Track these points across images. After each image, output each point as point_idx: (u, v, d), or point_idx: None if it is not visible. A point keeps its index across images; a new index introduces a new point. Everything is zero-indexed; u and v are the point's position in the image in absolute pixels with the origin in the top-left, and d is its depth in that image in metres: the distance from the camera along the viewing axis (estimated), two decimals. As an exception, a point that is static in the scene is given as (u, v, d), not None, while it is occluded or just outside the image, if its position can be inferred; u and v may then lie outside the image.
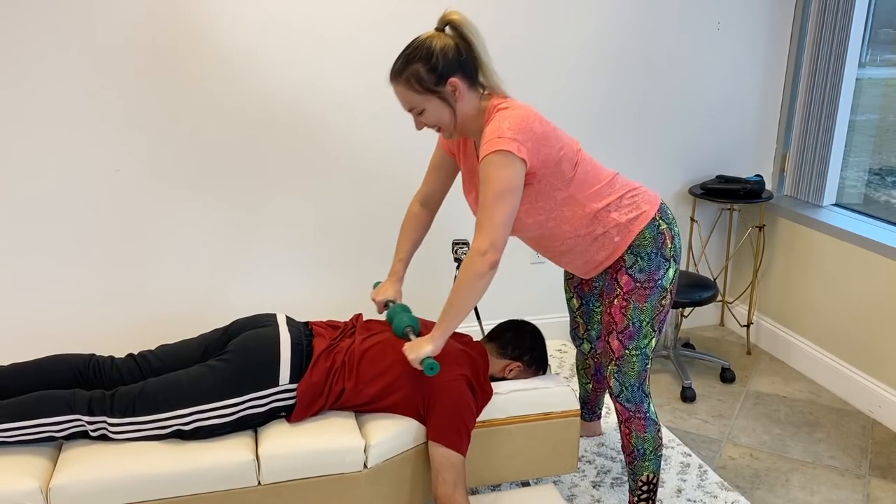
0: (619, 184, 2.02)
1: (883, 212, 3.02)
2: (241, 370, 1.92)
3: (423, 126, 1.92)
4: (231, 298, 2.94)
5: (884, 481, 2.48)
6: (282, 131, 2.81)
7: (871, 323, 2.85)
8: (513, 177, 1.79)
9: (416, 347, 1.93)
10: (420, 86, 1.83)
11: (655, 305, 2.04)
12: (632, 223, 1.99)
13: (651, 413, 2.12)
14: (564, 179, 1.92)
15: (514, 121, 1.80)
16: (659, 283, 2.02)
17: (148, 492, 1.82)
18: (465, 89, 1.86)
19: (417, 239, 2.27)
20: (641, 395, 2.10)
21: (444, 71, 1.82)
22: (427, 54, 1.81)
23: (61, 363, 1.99)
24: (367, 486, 1.96)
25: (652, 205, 2.02)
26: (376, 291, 2.26)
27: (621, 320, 2.05)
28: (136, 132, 2.66)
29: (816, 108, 3.16)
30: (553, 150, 1.87)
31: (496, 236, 1.81)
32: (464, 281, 1.85)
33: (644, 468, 2.14)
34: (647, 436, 2.11)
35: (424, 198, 2.25)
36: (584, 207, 1.97)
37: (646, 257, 2.00)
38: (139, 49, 2.57)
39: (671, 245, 2.03)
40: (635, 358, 2.07)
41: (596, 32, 3.06)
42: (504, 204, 1.80)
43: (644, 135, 3.26)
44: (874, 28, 3.01)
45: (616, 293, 2.05)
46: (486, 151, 1.80)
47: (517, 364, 2.23)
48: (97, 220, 2.71)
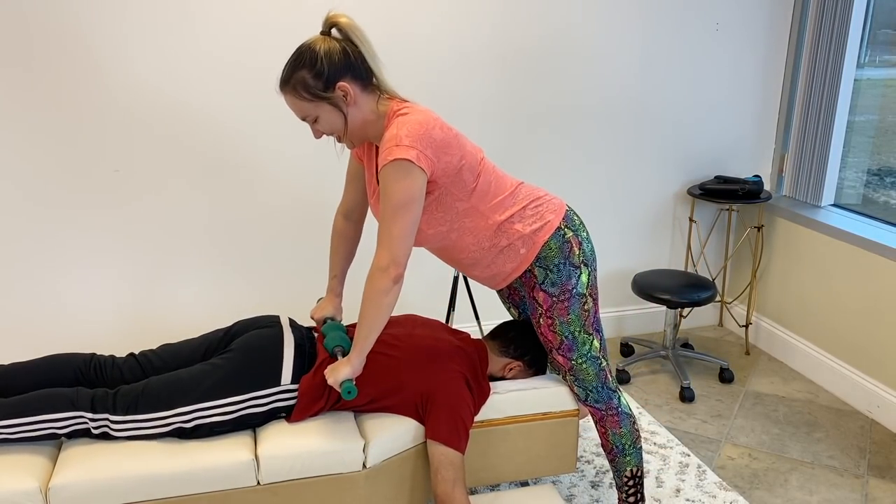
0: (522, 194, 1.97)
1: (881, 212, 3.02)
2: (243, 368, 1.92)
3: (321, 135, 1.84)
4: (232, 299, 2.95)
5: (882, 481, 2.48)
6: (277, 133, 2.82)
7: (870, 323, 2.86)
8: (412, 187, 1.73)
9: (335, 370, 1.87)
10: (308, 93, 1.75)
11: (579, 313, 2.00)
12: (536, 234, 1.95)
13: (623, 406, 2.11)
14: (466, 190, 1.86)
15: (412, 127, 1.73)
16: (574, 292, 1.98)
17: (147, 492, 1.82)
18: (357, 92, 1.77)
19: (348, 253, 2.21)
20: (608, 393, 2.08)
21: (332, 75, 1.74)
22: (312, 60, 1.73)
23: (62, 362, 2.00)
24: (366, 486, 1.97)
25: (556, 213, 1.98)
26: (315, 309, 2.21)
27: (554, 338, 2.02)
28: (133, 133, 2.66)
29: (815, 108, 3.16)
30: (454, 158, 1.80)
31: (397, 250, 1.75)
32: (368, 299, 1.79)
33: (626, 463, 2.13)
34: (622, 430, 2.11)
35: (347, 211, 2.17)
36: (486, 219, 1.92)
37: (555, 269, 1.96)
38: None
39: (579, 251, 1.99)
40: (585, 365, 2.05)
41: (594, 32, 3.06)
42: (403, 216, 1.74)
43: (642, 135, 3.27)
44: (873, 29, 3.02)
45: (539, 312, 2.01)
46: (385, 160, 1.72)
47: (518, 364, 2.23)
48: (97, 219, 2.71)
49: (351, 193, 2.14)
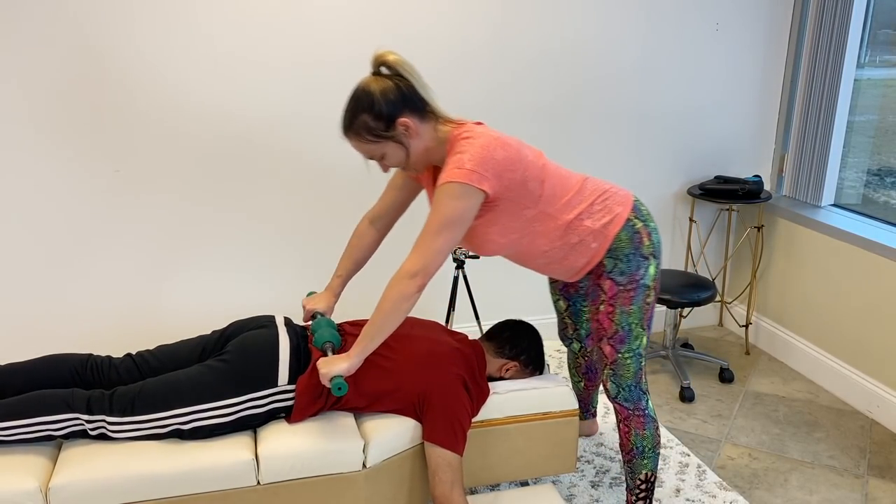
0: (588, 190, 2.00)
1: (881, 212, 3.02)
2: (239, 371, 1.92)
3: (388, 168, 1.91)
4: (229, 300, 2.94)
5: (882, 481, 2.48)
6: (273, 134, 2.82)
7: (870, 323, 2.86)
8: (465, 208, 1.78)
9: (330, 363, 1.86)
10: (371, 135, 1.82)
11: (641, 305, 2.03)
12: (606, 228, 1.98)
13: (650, 410, 2.11)
14: (533, 198, 1.90)
15: (475, 151, 1.79)
16: (641, 283, 2.01)
17: (147, 491, 1.82)
18: (416, 124, 1.83)
19: (361, 259, 2.22)
20: (639, 393, 2.09)
21: (391, 114, 1.80)
22: (369, 103, 1.79)
23: (59, 363, 1.99)
24: (365, 486, 1.97)
25: (624, 205, 2.01)
26: (308, 300, 2.21)
27: (609, 326, 2.03)
28: (133, 133, 2.66)
29: (815, 108, 3.16)
30: (517, 174, 1.84)
31: (431, 262, 1.79)
32: (389, 300, 1.81)
33: (642, 466, 2.13)
34: (646, 433, 2.11)
35: (375, 216, 2.19)
36: (556, 220, 1.95)
37: (624, 259, 1.99)
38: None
39: (648, 242, 2.01)
40: (629, 360, 2.06)
41: (594, 33, 3.06)
42: (448, 233, 1.78)
43: (642, 135, 3.27)
44: (873, 29, 3.01)
45: (601, 299, 2.03)
46: (446, 179, 1.78)
47: (514, 364, 2.23)
48: (94, 220, 2.71)
49: (386, 201, 2.18)
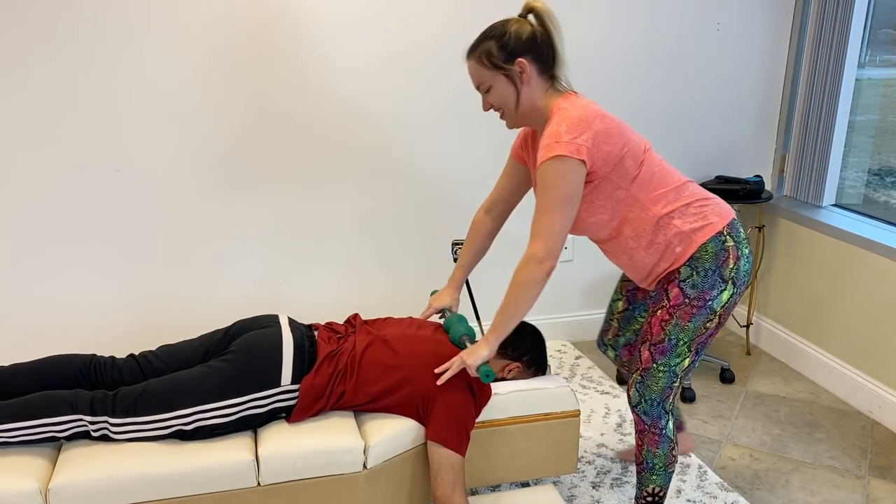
0: (688, 191, 1.93)
1: (882, 212, 3.02)
2: (243, 370, 1.92)
3: (490, 107, 1.91)
4: (232, 299, 2.94)
5: (883, 482, 2.48)
6: (277, 133, 2.81)
7: (871, 323, 2.85)
8: (572, 183, 1.77)
9: (474, 353, 1.91)
10: (489, 61, 1.83)
11: (699, 326, 1.92)
12: (694, 233, 1.89)
13: (668, 431, 2.04)
14: (627, 178, 1.86)
15: (571, 121, 1.78)
16: (709, 304, 1.90)
17: (147, 492, 1.82)
18: (533, 73, 1.84)
19: (480, 248, 2.25)
20: (660, 412, 2.02)
21: (514, 50, 1.82)
22: (501, 33, 1.83)
23: (62, 364, 1.99)
24: (366, 487, 1.96)
25: (721, 217, 1.92)
26: (434, 297, 2.26)
27: (658, 332, 1.95)
28: (135, 134, 2.66)
29: (816, 108, 3.16)
30: (615, 147, 1.81)
31: (554, 244, 1.80)
32: (521, 285, 1.83)
33: (651, 481, 2.09)
34: (658, 451, 2.05)
35: (490, 205, 2.22)
36: (647, 210, 1.89)
37: (702, 273, 1.89)
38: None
39: (733, 265, 1.90)
40: (661, 374, 1.98)
41: (594, 33, 3.06)
42: (564, 211, 1.79)
43: (643, 135, 3.25)
44: (873, 28, 3.01)
45: (662, 304, 1.95)
46: (545, 156, 1.78)
47: (517, 364, 2.23)
48: (97, 220, 2.71)
49: (498, 190, 2.19)
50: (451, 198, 3.10)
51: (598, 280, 3.44)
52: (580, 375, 3.15)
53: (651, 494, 2.11)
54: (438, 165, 3.04)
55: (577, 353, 3.36)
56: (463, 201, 3.12)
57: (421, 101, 2.94)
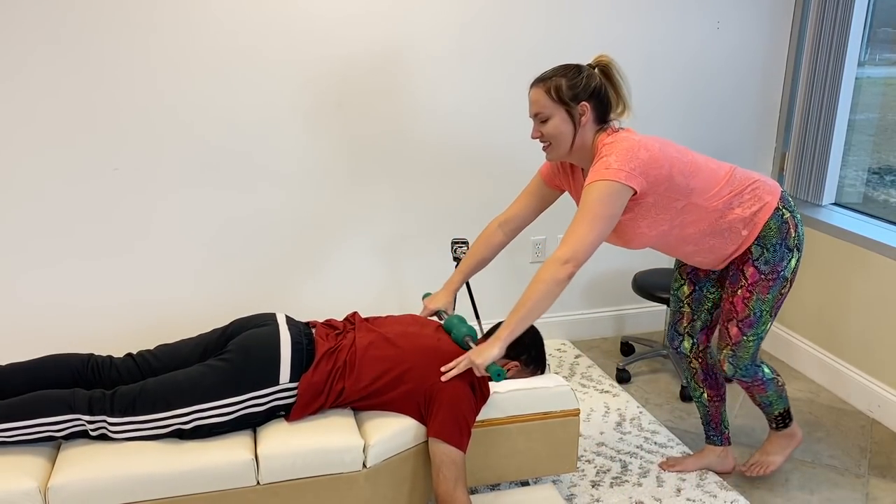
0: (737, 180, 2.08)
1: (882, 211, 3.02)
2: (241, 369, 1.91)
3: (539, 136, 2.01)
4: (231, 298, 2.94)
5: (883, 481, 2.47)
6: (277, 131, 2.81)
7: (871, 322, 2.85)
8: (615, 204, 1.89)
9: (482, 352, 1.94)
10: (556, 95, 1.96)
11: (776, 295, 2.14)
12: (756, 215, 2.08)
13: (766, 375, 2.27)
14: (681, 191, 2.00)
15: (619, 153, 1.91)
16: (782, 274, 2.12)
17: (146, 491, 1.81)
18: (590, 118, 1.98)
19: (484, 258, 2.32)
20: (755, 369, 2.24)
21: (581, 94, 1.96)
22: (574, 74, 1.97)
23: (60, 363, 1.99)
24: (366, 486, 1.96)
25: (773, 195, 2.10)
26: (428, 299, 2.31)
27: (743, 309, 2.16)
28: (133, 131, 2.65)
29: (816, 107, 3.15)
30: (662, 170, 1.94)
31: (581, 251, 1.89)
32: (543, 283, 1.90)
33: (774, 409, 2.34)
34: (768, 393, 2.29)
35: (505, 220, 2.30)
36: (705, 210, 2.05)
37: (771, 248, 2.10)
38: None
39: (794, 234, 2.11)
40: (751, 342, 2.19)
41: (594, 32, 3.05)
42: (600, 226, 1.89)
43: (643, 133, 3.25)
44: (873, 27, 3.01)
45: (741, 284, 2.15)
46: (595, 178, 1.91)
47: (515, 363, 2.23)
48: (96, 219, 2.71)
49: (519, 206, 2.29)
50: (453, 196, 3.10)
51: (598, 279, 3.44)
52: (580, 374, 3.15)
53: (780, 415, 2.37)
54: (438, 164, 3.04)
55: (577, 351, 3.36)
56: (464, 200, 3.11)
57: (423, 100, 2.93)
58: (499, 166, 3.11)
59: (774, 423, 2.39)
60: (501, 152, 3.10)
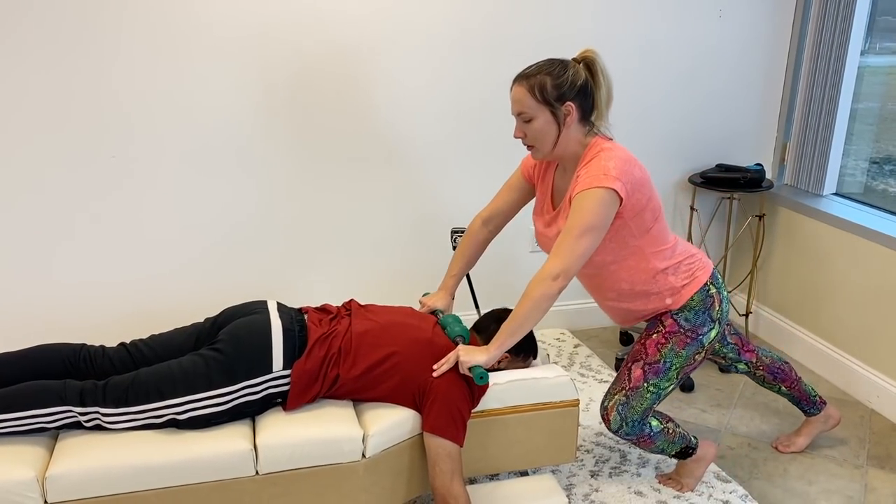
0: (679, 249, 2.10)
1: (883, 201, 3.01)
2: (233, 359, 1.90)
3: (522, 135, 1.97)
4: (225, 287, 2.93)
5: (882, 471, 2.48)
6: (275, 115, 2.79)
7: (871, 313, 2.85)
8: (607, 214, 1.87)
9: (471, 353, 1.96)
10: (540, 95, 1.90)
11: (690, 356, 2.12)
12: (685, 288, 2.08)
13: (654, 430, 2.17)
14: (642, 228, 1.99)
15: (618, 162, 1.89)
16: (700, 338, 2.11)
17: (145, 481, 1.81)
18: (575, 118, 1.94)
19: (472, 257, 2.33)
20: (641, 426, 2.15)
21: (566, 93, 1.91)
22: (558, 73, 1.91)
23: (51, 353, 1.97)
24: (365, 476, 1.96)
25: (705, 271, 2.11)
26: (426, 298, 2.32)
27: (654, 353, 2.11)
28: (131, 120, 2.64)
29: (818, 96, 3.13)
30: (643, 197, 1.94)
31: (571, 265, 1.88)
32: (532, 299, 1.90)
33: (669, 452, 2.24)
34: (657, 443, 2.20)
35: (488, 216, 2.29)
36: (648, 262, 2.04)
37: (693, 312, 2.10)
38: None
39: (718, 308, 2.12)
40: (649, 394, 2.12)
41: (594, 20, 3.03)
42: (590, 238, 1.87)
43: (644, 123, 3.24)
44: (873, 15, 2.99)
45: (657, 330, 2.12)
46: (589, 185, 1.87)
47: (504, 355, 2.20)
48: (89, 206, 2.69)
49: (499, 201, 2.27)
50: (450, 186, 3.08)
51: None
52: (579, 364, 3.15)
53: (676, 455, 2.26)
54: (436, 154, 3.02)
55: (576, 341, 3.35)
56: (460, 190, 3.10)
57: (419, 90, 2.92)
58: (493, 158, 3.09)
59: (677, 458, 2.30)
60: (497, 143, 3.09)
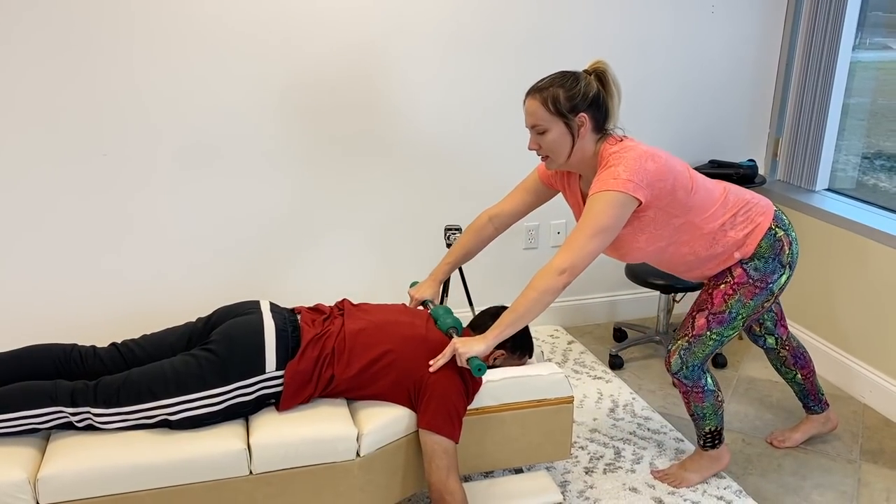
0: (731, 201, 2.09)
1: (874, 196, 3.01)
2: (225, 359, 1.89)
3: (537, 147, 1.99)
4: (217, 286, 2.91)
5: (875, 466, 2.49)
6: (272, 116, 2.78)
7: (863, 308, 2.85)
8: (619, 216, 1.89)
9: (468, 344, 1.96)
10: (554, 107, 1.93)
11: (758, 305, 2.13)
12: (748, 238, 2.09)
13: (708, 385, 2.24)
14: (681, 207, 2.00)
15: (628, 163, 1.91)
16: (769, 286, 2.11)
17: (138, 482, 1.80)
18: (589, 128, 1.96)
19: (472, 250, 2.32)
20: (700, 373, 2.21)
21: (579, 105, 1.93)
22: (571, 85, 1.93)
23: (42, 353, 1.95)
24: (360, 475, 1.95)
25: (766, 215, 2.11)
26: (414, 289, 2.31)
27: (720, 304, 2.13)
28: (122, 118, 2.62)
29: (810, 92, 3.14)
30: (667, 183, 1.95)
31: (579, 262, 1.90)
32: (537, 290, 1.91)
33: (706, 424, 2.28)
34: (705, 404, 2.25)
35: (496, 214, 2.29)
36: (701, 230, 2.05)
37: (763, 261, 2.09)
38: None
39: (789, 251, 2.11)
40: (712, 342, 2.16)
41: (589, 15, 3.02)
42: (601, 237, 1.89)
43: (637, 119, 3.24)
44: (864, 11, 2.99)
45: (726, 280, 2.13)
46: (601, 188, 1.90)
47: (500, 351, 2.19)
48: (81, 206, 2.67)
49: (512, 202, 2.28)
50: (444, 183, 3.07)
51: (591, 265, 3.43)
52: (573, 360, 3.15)
53: (710, 433, 2.30)
54: (431, 151, 3.01)
55: (570, 337, 3.35)
56: (456, 187, 3.09)
57: (417, 87, 2.91)
58: (489, 155, 3.09)
59: (703, 439, 2.33)
60: (491, 141, 3.08)
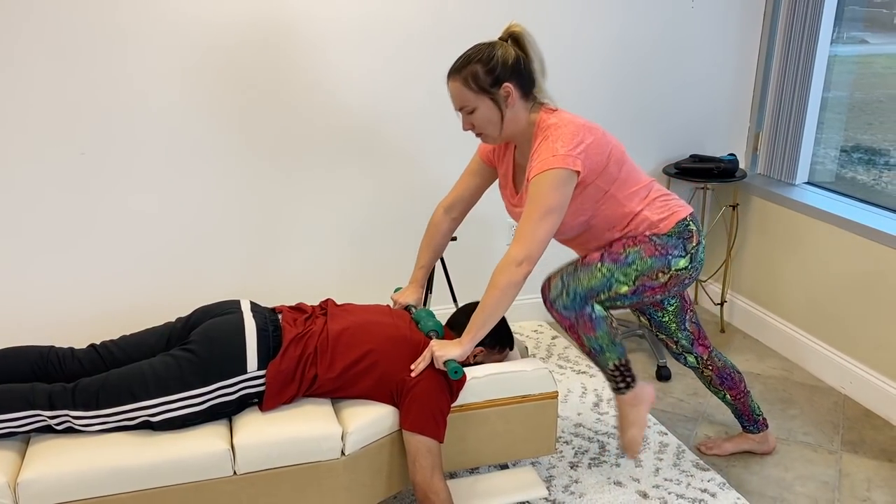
0: (654, 189, 2.10)
1: (853, 189, 3.04)
2: (205, 360, 1.87)
3: (470, 127, 1.97)
4: (199, 285, 2.89)
5: (855, 456, 2.51)
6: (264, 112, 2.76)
7: (843, 300, 2.88)
8: (564, 194, 1.87)
9: (445, 347, 1.96)
10: (476, 85, 1.89)
11: (652, 268, 2.01)
12: (662, 221, 2.06)
13: (596, 312, 2.02)
14: (610, 179, 1.98)
15: (565, 136, 1.88)
16: (668, 257, 2.03)
17: (121, 484, 1.78)
18: (517, 97, 1.92)
19: (439, 247, 2.32)
20: (582, 303, 2.01)
21: (501, 75, 1.89)
22: (488, 57, 1.89)
23: (18, 356, 1.92)
24: (344, 474, 1.94)
25: (684, 209, 2.10)
26: (397, 294, 2.30)
27: (618, 248, 2.04)
28: (98, 119, 2.59)
29: (789, 86, 3.16)
30: (603, 156, 1.94)
31: (534, 249, 1.87)
32: (498, 287, 1.90)
33: (608, 359, 2.09)
34: (598, 333, 2.04)
35: (451, 203, 2.28)
36: (622, 207, 2.04)
37: (668, 237, 2.05)
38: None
39: (695, 244, 2.07)
40: (600, 274, 2.00)
41: (567, 12, 3.02)
42: (549, 221, 1.87)
43: (617, 114, 3.25)
44: (841, 5, 3.01)
45: (629, 234, 2.06)
46: (542, 168, 1.86)
47: (479, 349, 2.19)
48: (59, 205, 2.64)
49: (461, 187, 2.26)
50: (427, 182, 3.07)
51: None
52: (556, 355, 3.16)
53: (616, 368, 2.11)
54: (414, 150, 3.01)
55: (553, 332, 3.36)
56: (439, 186, 3.08)
57: (390, 83, 2.89)
58: (471, 149, 3.08)
59: (612, 381, 2.14)
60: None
